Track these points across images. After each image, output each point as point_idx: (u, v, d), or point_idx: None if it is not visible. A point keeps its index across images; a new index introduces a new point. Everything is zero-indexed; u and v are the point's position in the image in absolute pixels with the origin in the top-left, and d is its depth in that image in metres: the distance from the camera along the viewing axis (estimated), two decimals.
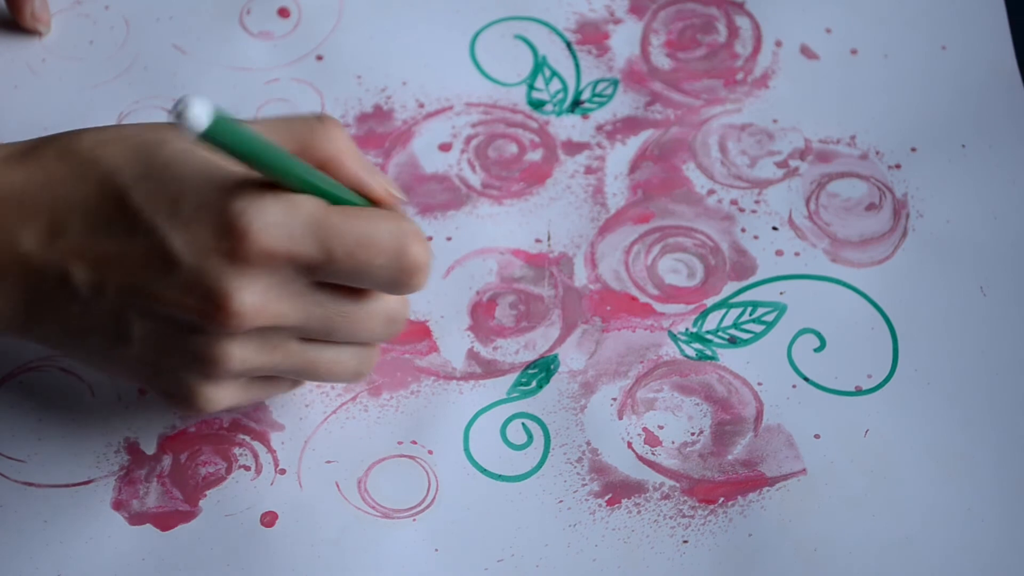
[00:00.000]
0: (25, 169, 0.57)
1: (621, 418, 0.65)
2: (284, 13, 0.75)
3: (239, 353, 0.57)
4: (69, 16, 0.75)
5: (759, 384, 0.66)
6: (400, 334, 0.62)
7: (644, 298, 0.68)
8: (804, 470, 0.64)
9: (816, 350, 0.67)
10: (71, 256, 0.56)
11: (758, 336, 0.67)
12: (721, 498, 0.63)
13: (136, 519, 0.63)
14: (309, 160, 0.57)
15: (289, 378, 0.61)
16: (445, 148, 0.71)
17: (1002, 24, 0.74)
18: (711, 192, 0.70)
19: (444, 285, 0.68)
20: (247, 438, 0.65)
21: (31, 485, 0.64)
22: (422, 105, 0.72)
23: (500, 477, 0.64)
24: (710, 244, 0.69)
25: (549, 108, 0.72)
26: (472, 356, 0.67)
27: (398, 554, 0.62)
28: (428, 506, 0.63)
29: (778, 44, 0.74)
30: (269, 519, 0.63)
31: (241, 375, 0.58)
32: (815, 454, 0.64)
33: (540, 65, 0.74)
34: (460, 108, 0.72)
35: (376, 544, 0.62)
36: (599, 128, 0.72)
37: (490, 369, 0.66)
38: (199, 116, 0.49)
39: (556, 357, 0.67)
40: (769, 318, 0.67)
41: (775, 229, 0.69)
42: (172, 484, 0.64)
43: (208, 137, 0.50)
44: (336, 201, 0.57)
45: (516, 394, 0.66)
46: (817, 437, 0.64)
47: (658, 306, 0.68)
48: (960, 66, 0.73)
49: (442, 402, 0.66)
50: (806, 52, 0.74)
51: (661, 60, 0.74)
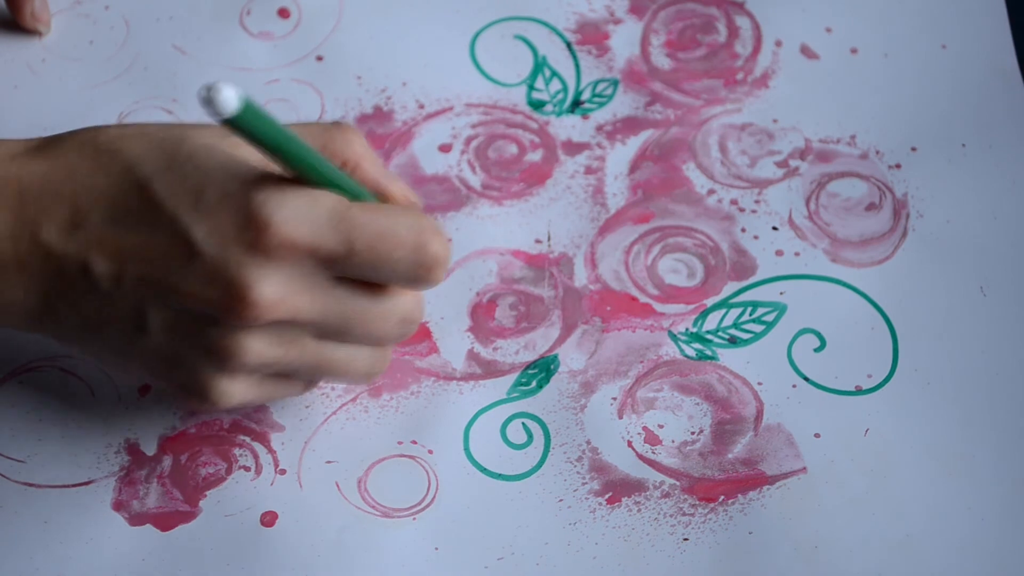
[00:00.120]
0: (46, 161, 0.57)
1: (621, 417, 0.65)
2: (284, 13, 0.75)
3: (256, 346, 0.57)
4: (69, 16, 0.75)
5: (759, 384, 0.66)
6: (413, 335, 0.62)
7: (644, 298, 0.68)
8: (804, 469, 0.64)
9: (816, 350, 0.67)
10: (92, 247, 0.56)
11: (758, 336, 0.67)
12: (721, 496, 0.63)
13: (136, 519, 0.63)
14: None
15: (302, 378, 0.61)
16: (445, 149, 0.72)
17: (1002, 24, 0.74)
18: (711, 192, 0.70)
19: (444, 286, 0.68)
20: (247, 439, 0.65)
21: (31, 485, 0.64)
22: (422, 106, 0.72)
23: (500, 476, 0.64)
24: (710, 244, 0.69)
25: (549, 108, 0.73)
26: (472, 357, 0.67)
27: (398, 553, 0.62)
28: (428, 505, 0.63)
29: (778, 44, 0.74)
30: (269, 519, 0.63)
31: (256, 369, 0.58)
32: (815, 453, 0.64)
33: (540, 65, 0.74)
34: (460, 109, 0.72)
35: (376, 544, 0.62)
36: (599, 128, 0.72)
37: (490, 369, 0.66)
38: (229, 100, 0.50)
39: (556, 357, 0.67)
40: (769, 318, 0.67)
41: (775, 229, 0.69)
42: (172, 484, 0.64)
43: (235, 122, 0.51)
44: (355, 198, 0.57)
45: (516, 394, 0.66)
46: (817, 436, 0.64)
47: (658, 306, 0.68)
48: (960, 66, 0.73)
49: (442, 402, 0.66)
50: (806, 52, 0.74)
51: (661, 60, 0.74)
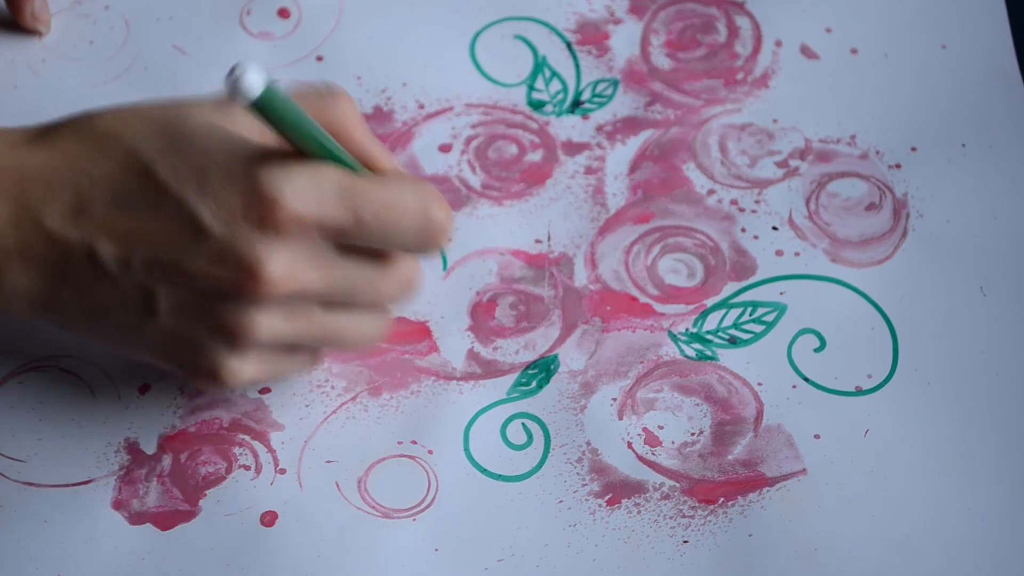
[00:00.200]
0: (45, 149, 0.57)
1: (621, 418, 0.65)
2: (284, 14, 0.75)
3: (266, 322, 0.57)
4: (69, 16, 0.75)
5: (759, 384, 0.66)
6: (413, 334, 0.62)
7: (644, 298, 0.68)
8: (804, 470, 0.64)
9: (816, 350, 0.67)
10: (97, 232, 0.56)
11: (758, 336, 0.67)
12: (721, 498, 0.63)
13: (136, 519, 0.63)
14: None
15: (307, 352, 0.61)
16: (445, 149, 0.71)
17: (1002, 24, 0.74)
18: (711, 192, 0.70)
19: (444, 286, 0.68)
20: (247, 438, 0.65)
21: (31, 485, 0.64)
22: (422, 106, 0.72)
23: (500, 477, 0.64)
24: (710, 244, 0.69)
25: (549, 109, 0.72)
26: (472, 356, 0.67)
27: (398, 554, 0.62)
28: (428, 506, 0.63)
29: (778, 44, 0.74)
30: (269, 519, 0.63)
31: (267, 345, 0.58)
32: (815, 454, 0.64)
33: (540, 65, 0.74)
34: (460, 109, 0.72)
35: (376, 544, 0.62)
36: (599, 128, 0.72)
37: (490, 369, 0.66)
38: (255, 83, 0.50)
39: (556, 357, 0.67)
40: (769, 318, 0.67)
41: (775, 229, 0.69)
42: (172, 484, 0.64)
43: (258, 104, 0.51)
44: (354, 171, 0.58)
45: (516, 394, 0.66)
46: (817, 437, 0.64)
47: (658, 306, 0.68)
48: (960, 66, 0.73)
49: (442, 402, 0.66)
50: (806, 52, 0.74)
51: (661, 60, 0.74)
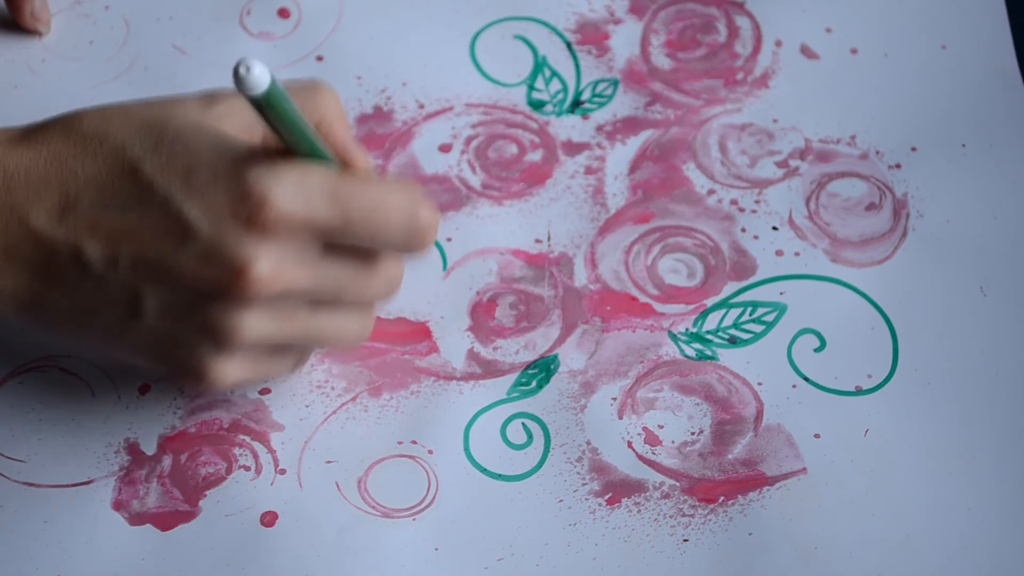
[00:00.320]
0: (31, 149, 0.57)
1: (621, 418, 0.65)
2: (284, 14, 0.75)
3: (253, 323, 0.57)
4: (69, 16, 0.75)
5: (759, 384, 0.66)
6: (412, 334, 0.62)
7: (644, 298, 0.68)
8: (804, 469, 0.64)
9: (816, 350, 0.67)
10: (83, 231, 0.56)
11: (758, 336, 0.67)
12: (721, 497, 0.63)
13: (136, 519, 0.63)
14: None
15: (294, 352, 0.61)
16: (445, 149, 0.72)
17: (1002, 24, 0.74)
18: (711, 192, 0.70)
19: (444, 286, 0.68)
20: (247, 438, 0.65)
21: (31, 485, 0.64)
22: (422, 106, 0.72)
23: (500, 477, 0.64)
24: (710, 244, 0.69)
25: (549, 108, 0.73)
26: (472, 356, 0.67)
27: (398, 554, 0.62)
28: (428, 506, 0.63)
29: (778, 44, 0.74)
30: (269, 519, 0.63)
31: (254, 345, 0.58)
32: (815, 454, 0.64)
33: (540, 65, 0.74)
34: (460, 109, 0.72)
35: (376, 544, 0.62)
36: (599, 128, 0.72)
37: (490, 369, 0.66)
38: (262, 77, 0.50)
39: (556, 357, 0.67)
40: (769, 318, 0.67)
41: (775, 229, 0.69)
42: (172, 484, 0.64)
43: (264, 97, 0.51)
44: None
45: (516, 394, 0.66)
46: (817, 437, 0.64)
47: (658, 306, 0.68)
48: (960, 66, 0.73)
49: (442, 402, 0.66)
50: (806, 52, 0.74)
51: (661, 60, 0.74)
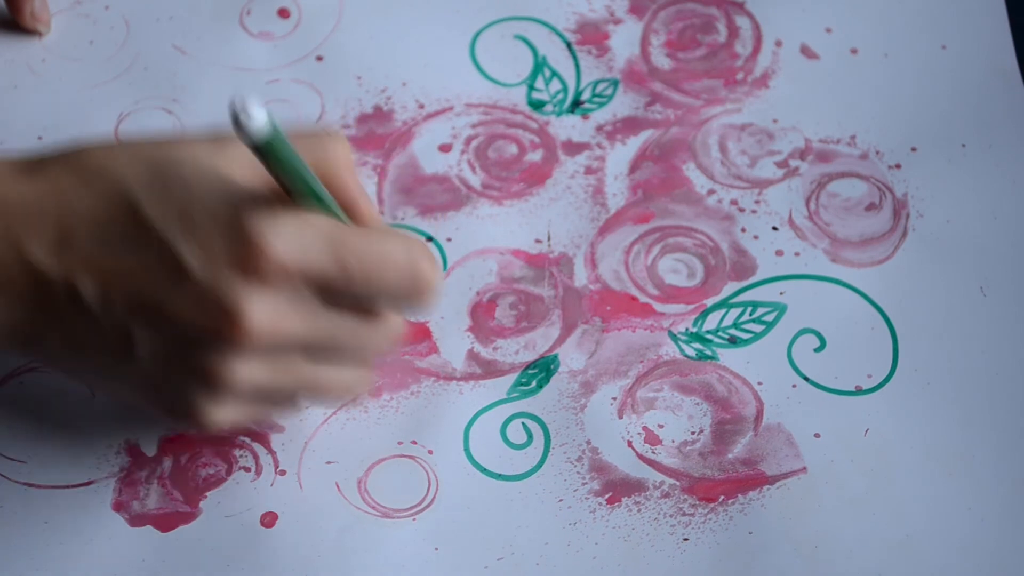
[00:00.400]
0: (32, 180, 0.56)
1: (621, 417, 0.65)
2: (284, 13, 0.75)
3: (245, 370, 0.56)
4: (69, 16, 0.75)
5: (759, 384, 0.66)
6: (413, 336, 0.61)
7: (644, 298, 0.68)
8: (804, 469, 0.64)
9: (816, 350, 0.67)
10: (79, 268, 0.55)
11: (758, 336, 0.67)
12: (721, 496, 0.63)
13: (136, 520, 0.63)
14: (314, 172, 0.57)
15: (288, 398, 0.60)
16: (445, 149, 0.72)
17: (1002, 24, 0.74)
18: (711, 192, 0.70)
19: (444, 286, 0.68)
20: (247, 439, 0.65)
21: (31, 486, 0.64)
22: (422, 106, 0.72)
23: (500, 476, 0.64)
24: (710, 244, 0.69)
25: (549, 108, 0.73)
26: (472, 356, 0.67)
27: (398, 554, 0.62)
28: (428, 506, 0.63)
29: (778, 44, 0.74)
30: (269, 520, 0.63)
31: (246, 393, 0.57)
32: (815, 453, 0.64)
33: (540, 65, 0.74)
34: (460, 109, 0.72)
35: (376, 544, 0.62)
36: (599, 128, 0.72)
37: (490, 369, 0.66)
38: (261, 123, 0.49)
39: (556, 357, 0.67)
40: (769, 318, 0.67)
41: (775, 229, 0.69)
42: (172, 485, 0.64)
43: (263, 145, 0.50)
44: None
45: (516, 394, 0.66)
46: (817, 436, 0.64)
47: (658, 306, 0.68)
48: (960, 66, 0.73)
49: (442, 402, 0.66)
50: (806, 52, 0.74)
51: (661, 60, 0.74)
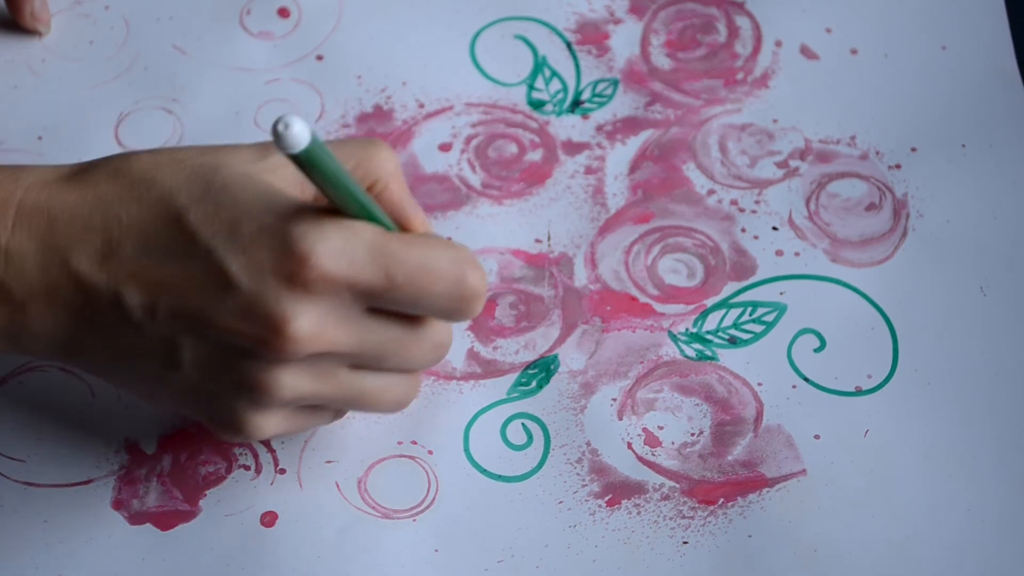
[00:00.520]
0: (78, 190, 0.56)
1: (621, 418, 0.65)
2: (284, 13, 0.75)
3: (291, 380, 0.56)
4: (69, 16, 0.75)
5: (759, 384, 0.66)
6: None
7: (644, 298, 0.68)
8: (804, 471, 0.64)
9: (816, 350, 0.67)
10: (124, 277, 0.55)
11: (758, 336, 0.67)
12: (721, 499, 0.63)
13: (136, 519, 0.63)
14: (361, 181, 0.57)
15: (332, 409, 0.60)
16: (445, 148, 0.71)
17: (1002, 24, 0.74)
18: (711, 192, 0.70)
19: None
20: None
21: (31, 485, 0.64)
22: (422, 105, 0.72)
23: (500, 477, 0.64)
24: (710, 244, 0.69)
25: (549, 108, 0.72)
26: (472, 356, 0.67)
27: (398, 554, 0.62)
28: (428, 506, 0.63)
29: (778, 44, 0.74)
30: (269, 519, 0.63)
31: (291, 403, 0.57)
32: (815, 455, 0.64)
33: (540, 65, 0.74)
34: (460, 108, 0.72)
35: (376, 544, 0.62)
36: (599, 128, 0.72)
37: (490, 369, 0.66)
38: (301, 134, 0.49)
39: (556, 357, 0.67)
40: (769, 318, 0.67)
41: (775, 229, 0.69)
42: (172, 484, 0.64)
43: (303, 155, 0.50)
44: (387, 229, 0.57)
45: (516, 394, 0.66)
46: (817, 438, 0.64)
47: (658, 306, 0.68)
48: (960, 66, 0.73)
49: (442, 402, 0.66)
50: (806, 52, 0.74)
51: (661, 60, 0.74)
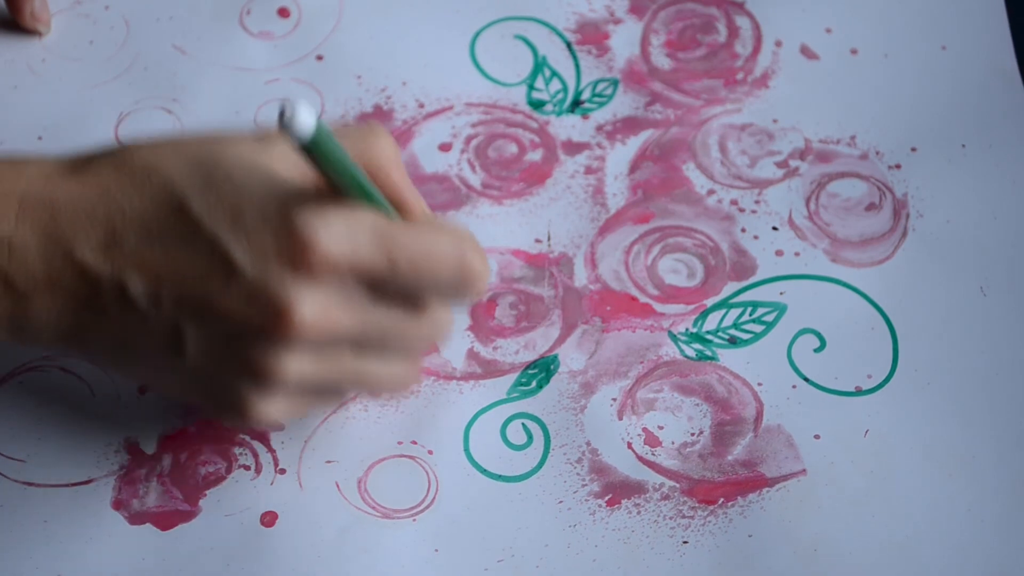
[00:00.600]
0: (79, 180, 0.57)
1: (621, 418, 0.65)
2: (284, 13, 0.75)
3: (295, 365, 0.56)
4: (69, 16, 0.75)
5: (759, 384, 0.66)
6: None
7: (644, 298, 0.68)
8: (804, 471, 0.64)
9: (816, 350, 0.67)
10: (128, 266, 0.56)
11: (758, 336, 0.67)
12: (721, 499, 0.63)
13: (136, 519, 0.63)
14: (361, 167, 0.57)
15: (335, 391, 0.61)
16: (445, 148, 0.72)
17: (1002, 24, 0.74)
18: (711, 192, 0.70)
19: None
20: (247, 437, 0.65)
21: (31, 485, 0.64)
22: (422, 105, 0.72)
23: (500, 477, 0.64)
24: (710, 244, 0.69)
25: (549, 108, 0.73)
26: (472, 356, 0.67)
27: (398, 554, 0.62)
28: (428, 506, 0.63)
29: (778, 44, 0.74)
30: (269, 519, 0.63)
31: (295, 387, 0.57)
32: (815, 454, 0.64)
33: (540, 65, 0.74)
34: (460, 108, 0.72)
35: (376, 544, 0.63)
36: (599, 128, 0.72)
37: (490, 369, 0.66)
38: (307, 122, 0.50)
39: (556, 357, 0.67)
40: (769, 318, 0.67)
41: (775, 229, 0.69)
42: (172, 484, 0.64)
43: (309, 143, 0.50)
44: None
45: (516, 394, 0.66)
46: (817, 438, 0.64)
47: (658, 306, 0.68)
48: (960, 66, 0.73)
49: (442, 402, 0.66)
50: (806, 52, 0.74)
51: (661, 60, 0.74)
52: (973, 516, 0.63)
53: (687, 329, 0.67)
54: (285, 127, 0.50)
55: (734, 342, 0.67)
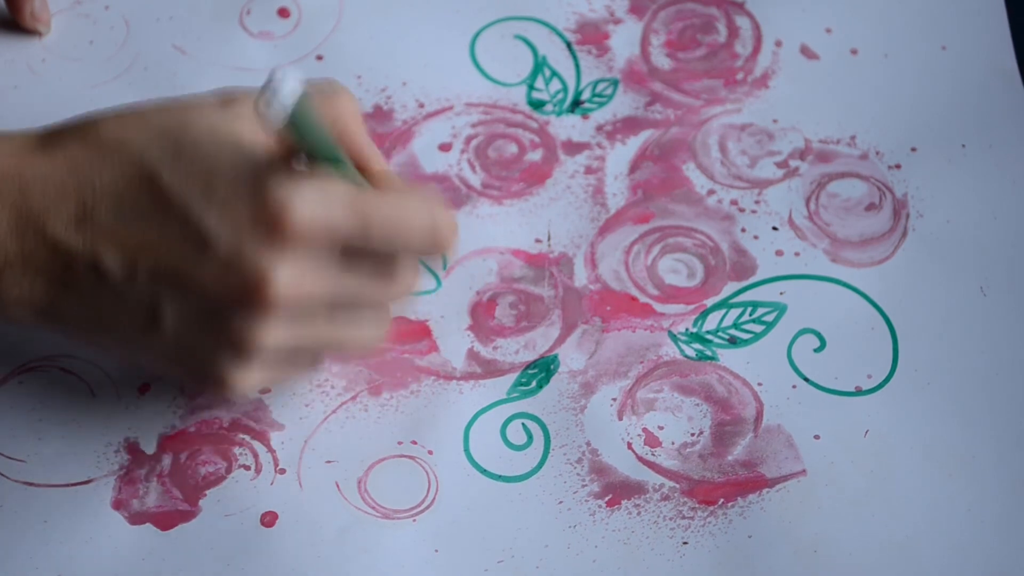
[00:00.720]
0: (48, 156, 0.57)
1: (621, 419, 0.65)
2: (284, 13, 0.75)
3: (272, 334, 0.57)
4: (69, 16, 0.75)
5: (759, 384, 0.66)
6: (412, 333, 0.62)
7: (644, 298, 0.68)
8: (804, 471, 0.64)
9: (816, 350, 0.67)
10: (102, 241, 0.56)
11: (758, 336, 0.67)
12: (721, 499, 0.63)
13: (136, 519, 0.63)
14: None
15: (311, 355, 0.61)
16: (445, 148, 0.72)
17: (1002, 24, 0.74)
18: (711, 192, 0.70)
19: (444, 285, 0.68)
20: (247, 438, 0.65)
21: (31, 485, 0.64)
22: (422, 105, 0.72)
23: (500, 477, 0.64)
24: (710, 244, 0.69)
25: (549, 108, 0.72)
26: (472, 356, 0.67)
27: (398, 554, 0.62)
28: (428, 506, 0.63)
29: (778, 44, 0.74)
30: (269, 519, 0.63)
31: (272, 356, 0.58)
32: (815, 455, 0.64)
33: (540, 65, 0.74)
34: (460, 108, 0.72)
35: (376, 544, 0.62)
36: (599, 128, 0.72)
37: (490, 369, 0.66)
38: (292, 92, 0.50)
39: (556, 357, 0.67)
40: (769, 318, 0.67)
41: (775, 229, 0.69)
42: (172, 484, 0.64)
43: (291, 117, 0.51)
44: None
45: (516, 394, 0.66)
46: (817, 438, 0.64)
47: (658, 306, 0.68)
48: (960, 66, 0.73)
49: (442, 402, 0.66)
50: (806, 52, 0.74)
51: (661, 60, 0.74)
52: (973, 516, 0.63)
53: (687, 329, 0.67)
54: (268, 102, 0.50)
55: (734, 342, 0.67)
